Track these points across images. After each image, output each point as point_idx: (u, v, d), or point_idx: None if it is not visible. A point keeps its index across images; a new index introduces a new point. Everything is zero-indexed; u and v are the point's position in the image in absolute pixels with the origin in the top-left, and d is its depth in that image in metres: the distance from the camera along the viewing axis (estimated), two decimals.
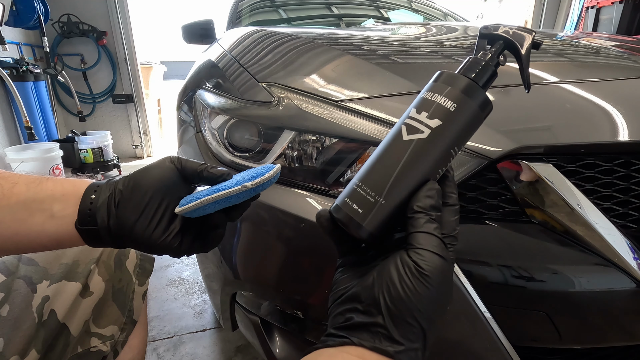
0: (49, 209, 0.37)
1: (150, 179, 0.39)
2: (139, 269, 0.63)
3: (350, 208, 0.32)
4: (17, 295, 0.49)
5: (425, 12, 2.00)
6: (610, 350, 0.56)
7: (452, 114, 0.31)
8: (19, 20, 2.77)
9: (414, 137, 0.31)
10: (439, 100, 0.32)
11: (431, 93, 0.33)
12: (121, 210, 0.37)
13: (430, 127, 0.31)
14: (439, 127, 0.31)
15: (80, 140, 3.00)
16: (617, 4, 3.20)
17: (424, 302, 0.28)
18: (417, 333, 0.28)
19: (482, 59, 0.34)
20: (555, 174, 0.49)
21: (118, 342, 0.60)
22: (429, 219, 0.30)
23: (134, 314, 0.62)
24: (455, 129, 0.32)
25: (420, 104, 0.33)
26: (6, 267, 0.51)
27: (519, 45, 0.34)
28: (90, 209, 0.37)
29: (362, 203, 0.31)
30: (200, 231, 0.42)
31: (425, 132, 0.31)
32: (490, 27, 0.35)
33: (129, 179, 0.39)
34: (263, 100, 0.67)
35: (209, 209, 0.39)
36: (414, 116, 0.32)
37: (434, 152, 0.31)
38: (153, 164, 0.41)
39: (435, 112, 0.31)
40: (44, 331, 0.50)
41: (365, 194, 0.31)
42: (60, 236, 0.38)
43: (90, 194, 0.38)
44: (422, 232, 0.29)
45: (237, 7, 1.84)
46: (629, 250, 0.48)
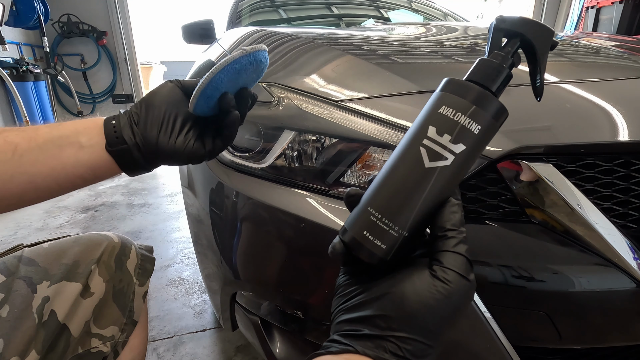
0: (76, 141, 0.40)
1: (159, 98, 0.43)
2: (140, 270, 0.63)
3: (371, 243, 0.29)
4: (17, 296, 0.49)
5: (425, 12, 2.00)
6: (610, 350, 0.56)
7: (476, 136, 0.29)
8: (19, 20, 2.78)
9: (437, 164, 0.29)
10: (464, 122, 0.28)
11: (452, 110, 0.29)
12: (142, 127, 0.41)
13: (454, 152, 0.29)
14: (463, 152, 0.29)
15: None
16: (617, 4, 3.20)
17: (439, 323, 0.27)
18: (425, 350, 0.27)
19: (496, 62, 0.30)
20: (555, 174, 0.49)
21: (118, 343, 0.60)
22: (462, 238, 0.29)
23: (135, 315, 0.62)
24: (476, 151, 0.30)
25: (439, 123, 0.29)
26: (6, 268, 0.51)
27: (537, 44, 0.31)
28: (115, 131, 0.41)
29: (384, 237, 0.29)
30: (216, 130, 0.46)
31: (449, 159, 0.29)
32: (508, 19, 0.31)
33: (141, 102, 0.43)
34: (263, 100, 0.67)
35: (212, 88, 0.41)
36: (435, 138, 0.29)
37: (457, 177, 0.30)
38: (157, 88, 0.45)
39: (460, 135, 0.28)
40: (44, 332, 0.50)
41: (387, 228, 0.29)
42: (95, 163, 0.41)
43: (110, 121, 0.42)
44: (453, 252, 0.28)
45: (237, 7, 1.84)
46: (629, 250, 0.48)
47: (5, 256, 0.53)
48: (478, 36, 1.03)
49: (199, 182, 0.80)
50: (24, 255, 0.53)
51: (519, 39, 0.31)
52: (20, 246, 0.56)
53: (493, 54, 0.31)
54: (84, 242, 0.58)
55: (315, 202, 0.58)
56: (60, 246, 0.57)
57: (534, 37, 0.30)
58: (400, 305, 0.27)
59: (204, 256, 0.85)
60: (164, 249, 1.84)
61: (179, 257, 1.76)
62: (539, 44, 0.30)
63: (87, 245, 0.58)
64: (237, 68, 0.41)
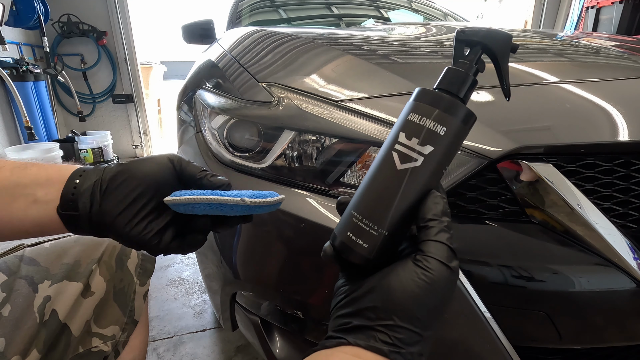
0: (32, 194, 0.36)
1: (143, 173, 0.38)
2: (140, 269, 0.63)
3: (354, 243, 0.32)
4: (19, 295, 0.49)
5: (425, 12, 2.00)
6: (610, 350, 0.56)
7: (442, 137, 0.31)
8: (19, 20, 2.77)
9: (408, 166, 0.31)
10: (429, 125, 0.31)
11: (418, 116, 0.32)
12: (106, 200, 0.36)
13: (423, 154, 0.31)
14: (432, 153, 0.31)
15: (80, 140, 3.01)
16: (617, 4, 3.20)
17: (425, 310, 0.28)
18: (414, 338, 0.28)
19: (462, 70, 0.33)
20: (555, 174, 0.49)
21: (119, 342, 0.60)
22: (443, 227, 0.30)
23: (135, 314, 0.62)
24: (446, 151, 0.32)
25: (408, 129, 0.32)
26: (7, 267, 0.51)
27: (496, 49, 0.33)
28: (73, 193, 0.36)
29: (366, 237, 0.32)
30: (181, 231, 0.41)
31: (419, 160, 0.31)
32: (467, 31, 0.34)
33: (122, 169, 0.38)
34: (263, 100, 0.67)
35: (198, 209, 0.38)
36: (405, 143, 0.32)
37: (429, 177, 0.32)
38: (150, 158, 0.40)
39: (427, 138, 0.31)
40: (45, 331, 0.50)
41: (367, 228, 0.32)
42: (43, 221, 0.37)
43: (75, 178, 0.37)
44: (434, 241, 0.30)
45: (237, 7, 1.84)
46: (629, 250, 0.48)
47: (7, 256, 0.53)
48: None
49: None
50: (25, 255, 0.54)
51: (479, 47, 0.34)
52: (21, 246, 0.56)
53: (458, 63, 0.34)
54: (85, 241, 0.58)
55: (315, 202, 0.58)
56: (62, 246, 0.57)
57: (492, 44, 0.33)
58: (386, 295, 0.29)
59: (204, 256, 0.85)
60: None
61: (179, 257, 1.76)
62: (499, 49, 0.33)
63: (88, 244, 0.58)
64: (235, 210, 0.38)
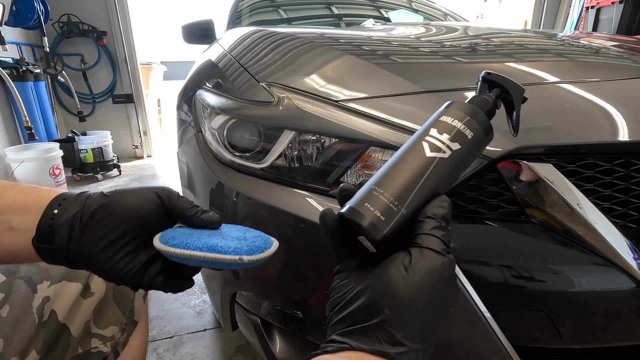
0: (7, 220, 0.34)
1: (128, 209, 0.35)
2: None
3: (372, 214, 0.31)
4: (18, 296, 0.49)
5: (425, 12, 2.00)
6: (610, 350, 0.56)
7: (469, 140, 0.35)
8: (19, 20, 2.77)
9: (436, 155, 0.34)
10: (460, 126, 0.35)
11: (451, 118, 0.36)
12: (85, 235, 0.34)
13: (451, 148, 0.35)
14: (458, 150, 0.35)
15: (80, 140, 3.01)
16: (617, 4, 3.20)
17: (426, 301, 0.28)
18: (418, 333, 0.27)
19: (487, 99, 0.38)
20: (555, 174, 0.49)
21: (119, 343, 0.60)
22: (439, 225, 0.31)
23: (135, 315, 0.62)
24: (469, 154, 0.36)
25: (440, 126, 0.36)
26: (6, 267, 0.51)
27: (513, 94, 0.39)
28: (50, 225, 0.34)
29: (385, 210, 0.31)
30: (166, 269, 0.39)
31: (447, 153, 0.34)
32: (493, 75, 0.40)
33: (105, 202, 0.35)
34: (263, 100, 0.67)
35: (192, 262, 0.36)
36: (436, 136, 0.35)
37: (451, 171, 0.35)
38: (138, 191, 0.37)
39: (456, 136, 0.35)
40: (44, 332, 0.50)
41: (388, 202, 0.32)
42: (17, 251, 0.35)
43: (53, 208, 0.34)
44: (429, 234, 0.30)
45: (237, 7, 1.84)
46: (629, 250, 0.48)
47: None
48: (478, 36, 1.03)
49: (199, 182, 0.80)
50: None
51: (499, 89, 0.39)
52: None
53: (485, 94, 0.39)
54: None
55: (315, 202, 0.58)
56: None
57: (510, 89, 0.39)
58: (386, 290, 0.28)
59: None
60: None
61: None
62: (515, 94, 0.39)
63: None
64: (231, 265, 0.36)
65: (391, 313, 0.27)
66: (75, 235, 0.34)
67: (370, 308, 0.28)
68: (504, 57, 0.79)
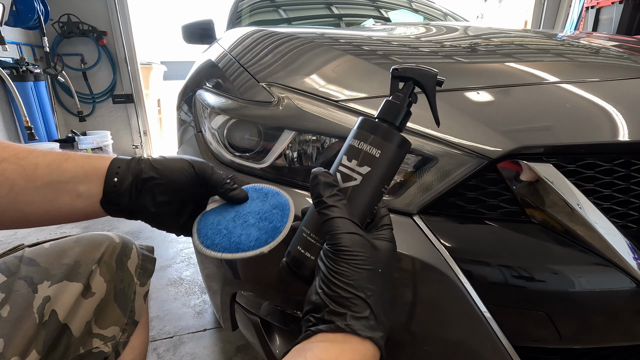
0: (74, 189, 0.41)
1: (170, 182, 0.43)
2: (141, 270, 0.63)
3: (304, 257, 0.37)
4: (18, 296, 0.49)
5: (425, 12, 2.00)
6: (610, 350, 0.56)
7: (377, 159, 0.36)
8: (19, 20, 2.77)
9: (349, 184, 0.36)
10: (365, 148, 0.36)
11: (357, 141, 0.37)
12: (142, 200, 0.43)
13: (361, 173, 0.36)
14: (369, 173, 0.36)
15: (80, 140, 3.01)
16: (617, 4, 3.20)
17: (348, 274, 0.31)
18: (358, 303, 0.31)
19: (397, 102, 0.38)
20: (555, 174, 0.49)
21: (119, 343, 0.59)
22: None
23: (136, 315, 0.62)
24: (382, 172, 0.37)
25: (349, 152, 0.37)
26: (7, 268, 0.50)
27: (425, 84, 0.38)
28: (114, 192, 0.42)
29: (313, 250, 0.36)
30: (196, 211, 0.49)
31: (358, 179, 0.36)
32: (400, 69, 0.39)
33: (151, 176, 0.43)
34: (263, 100, 0.67)
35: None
36: (346, 164, 0.37)
37: (367, 194, 0.37)
38: (178, 165, 0.44)
39: (364, 159, 0.36)
40: (44, 332, 0.50)
41: (314, 241, 0.36)
42: (88, 211, 0.43)
43: (113, 176, 0.42)
44: (329, 219, 0.34)
45: (237, 7, 1.84)
46: (629, 250, 0.48)
47: (6, 256, 0.53)
48: (478, 36, 1.03)
49: None
50: (24, 255, 0.53)
51: (411, 82, 0.38)
52: (21, 246, 0.55)
53: (394, 96, 0.39)
54: (85, 242, 0.58)
55: None
56: (61, 246, 0.56)
57: (422, 79, 0.38)
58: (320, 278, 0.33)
59: (204, 256, 0.85)
60: (163, 249, 1.84)
61: (179, 257, 1.76)
62: (427, 84, 0.38)
63: (88, 245, 0.57)
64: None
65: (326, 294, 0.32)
66: (134, 199, 0.43)
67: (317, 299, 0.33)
68: (504, 57, 0.79)
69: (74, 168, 0.41)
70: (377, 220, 0.39)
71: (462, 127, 0.53)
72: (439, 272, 0.49)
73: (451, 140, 0.52)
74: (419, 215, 0.53)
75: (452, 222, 0.52)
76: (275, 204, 0.47)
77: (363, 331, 0.30)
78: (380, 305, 0.32)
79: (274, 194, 0.49)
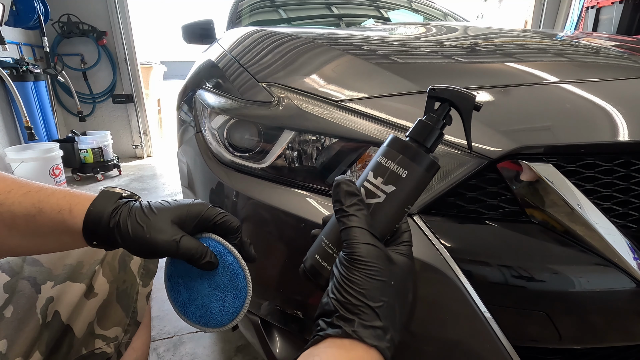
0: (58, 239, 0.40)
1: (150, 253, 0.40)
2: (143, 270, 0.63)
3: (321, 266, 0.37)
4: (22, 296, 0.49)
5: (425, 12, 2.00)
6: (610, 350, 0.56)
7: (403, 180, 0.36)
8: (19, 20, 2.77)
9: (372, 201, 0.36)
10: (392, 167, 0.36)
11: (385, 159, 0.37)
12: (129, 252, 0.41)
13: (385, 192, 0.36)
14: (393, 192, 0.36)
15: (80, 140, 3.00)
16: (617, 4, 3.20)
17: (360, 283, 0.32)
18: (368, 312, 0.31)
19: (430, 123, 0.37)
20: (555, 174, 0.49)
21: (122, 344, 0.59)
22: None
23: (138, 315, 0.61)
24: (406, 193, 0.36)
25: (376, 169, 0.37)
26: (10, 268, 0.50)
27: (462, 107, 0.37)
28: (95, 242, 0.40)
29: (330, 261, 0.37)
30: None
31: (382, 197, 0.36)
32: (438, 89, 0.38)
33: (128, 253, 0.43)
34: (263, 100, 0.66)
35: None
36: (372, 180, 0.37)
37: (389, 213, 0.37)
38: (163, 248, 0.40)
39: (389, 178, 0.36)
40: (47, 333, 0.50)
41: (332, 252, 0.37)
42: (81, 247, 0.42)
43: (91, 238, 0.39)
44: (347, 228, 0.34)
45: (237, 7, 1.84)
46: (629, 250, 0.48)
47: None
48: (478, 36, 1.03)
49: (199, 182, 0.80)
50: (28, 256, 0.53)
51: (447, 104, 0.37)
52: None
53: (428, 116, 0.38)
54: None
55: (315, 202, 0.58)
56: None
57: (459, 102, 0.37)
58: (333, 285, 0.33)
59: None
60: None
61: None
62: (464, 107, 0.37)
63: None
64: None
65: (338, 301, 0.32)
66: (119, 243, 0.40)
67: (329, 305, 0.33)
68: (504, 57, 0.79)
69: (48, 223, 0.38)
70: (398, 236, 0.39)
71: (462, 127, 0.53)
72: (439, 272, 0.49)
73: (451, 140, 0.52)
74: (419, 215, 0.53)
75: (452, 222, 0.52)
76: (233, 300, 0.46)
77: (369, 339, 0.30)
78: (390, 317, 0.32)
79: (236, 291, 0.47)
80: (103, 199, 0.40)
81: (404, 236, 0.39)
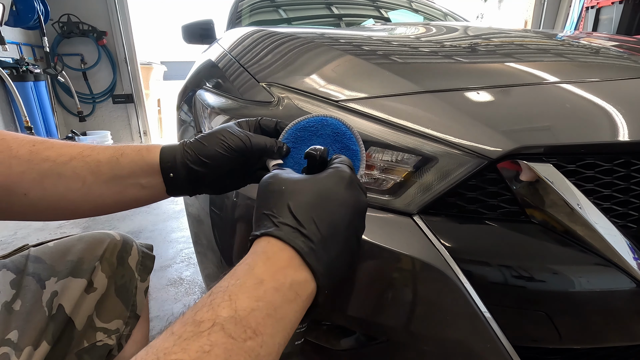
0: (137, 183, 0.45)
1: (218, 166, 0.45)
2: (141, 266, 0.65)
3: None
4: (28, 291, 0.52)
5: (425, 12, 2.00)
6: (610, 350, 0.56)
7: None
8: (19, 20, 2.78)
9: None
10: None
11: None
12: (200, 186, 0.47)
13: None
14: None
15: (81, 140, 3.01)
16: (617, 4, 3.20)
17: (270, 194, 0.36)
18: (281, 211, 0.34)
19: None
20: (555, 174, 0.49)
21: (123, 336, 0.61)
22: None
23: (137, 309, 0.63)
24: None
25: None
26: (15, 266, 0.53)
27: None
28: (173, 183, 0.45)
29: None
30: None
31: None
32: None
33: (200, 169, 0.45)
34: (263, 100, 0.67)
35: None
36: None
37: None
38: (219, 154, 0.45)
39: None
40: (53, 324, 0.52)
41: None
42: (154, 198, 0.47)
43: (168, 171, 0.45)
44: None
45: (237, 7, 1.84)
46: (629, 250, 0.48)
47: (13, 256, 0.56)
48: (478, 36, 1.04)
49: None
50: (30, 254, 0.56)
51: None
52: (25, 246, 0.58)
53: None
54: (87, 239, 0.60)
55: None
56: (65, 244, 0.59)
57: None
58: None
59: (204, 256, 0.85)
60: (164, 249, 1.84)
61: (179, 257, 1.76)
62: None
63: (91, 242, 0.60)
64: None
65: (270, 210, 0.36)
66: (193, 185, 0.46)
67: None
68: (504, 57, 0.79)
69: (129, 164, 0.44)
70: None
71: (462, 127, 0.53)
72: (439, 272, 0.49)
73: (451, 140, 0.52)
74: (419, 215, 0.53)
75: (452, 222, 0.52)
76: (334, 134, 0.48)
77: (278, 233, 0.33)
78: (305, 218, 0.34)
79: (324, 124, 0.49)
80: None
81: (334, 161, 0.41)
